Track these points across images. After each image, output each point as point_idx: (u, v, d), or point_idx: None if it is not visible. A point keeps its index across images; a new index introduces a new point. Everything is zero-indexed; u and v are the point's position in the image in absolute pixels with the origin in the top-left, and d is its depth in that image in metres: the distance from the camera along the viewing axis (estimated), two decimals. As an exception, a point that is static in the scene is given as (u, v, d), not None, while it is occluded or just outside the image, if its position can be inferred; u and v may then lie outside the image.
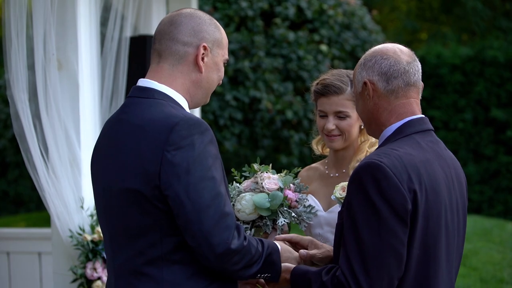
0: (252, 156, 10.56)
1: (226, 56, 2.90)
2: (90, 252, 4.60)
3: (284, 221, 3.30)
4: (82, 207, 4.59)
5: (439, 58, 14.09)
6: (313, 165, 3.76)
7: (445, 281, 2.78)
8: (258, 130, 10.20)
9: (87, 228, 4.62)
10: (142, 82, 2.81)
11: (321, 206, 3.55)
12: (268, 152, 10.59)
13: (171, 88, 2.77)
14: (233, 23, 10.25)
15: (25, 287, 5.93)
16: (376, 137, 2.94)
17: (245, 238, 2.66)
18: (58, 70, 4.58)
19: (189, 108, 2.85)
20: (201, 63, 2.80)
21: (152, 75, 2.81)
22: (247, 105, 10.06)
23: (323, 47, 10.50)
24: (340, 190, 3.28)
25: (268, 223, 3.32)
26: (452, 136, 14.11)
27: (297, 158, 10.35)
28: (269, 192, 3.33)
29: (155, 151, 2.61)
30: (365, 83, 2.84)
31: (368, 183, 2.63)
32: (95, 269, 4.61)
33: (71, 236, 4.58)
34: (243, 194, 3.36)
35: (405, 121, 2.82)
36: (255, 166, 3.44)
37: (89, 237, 4.58)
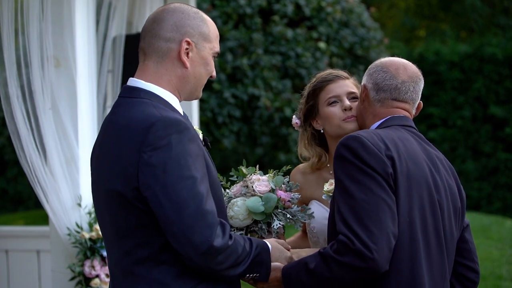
0: (251, 153, 10.56)
1: (216, 49, 2.85)
2: (88, 250, 4.59)
3: (279, 223, 3.20)
4: (79, 204, 4.59)
5: (438, 55, 14.09)
6: (308, 167, 3.52)
7: (436, 257, 2.81)
8: (257, 128, 10.20)
9: (85, 226, 4.62)
10: (131, 81, 2.80)
11: None
12: (267, 149, 10.59)
13: (158, 86, 2.75)
14: (231, 20, 10.25)
15: (24, 285, 5.93)
16: None
17: (230, 237, 2.62)
18: (55, 67, 4.58)
19: (180, 101, 2.83)
20: (184, 58, 2.76)
21: (140, 74, 2.80)
22: (246, 103, 10.06)
23: (322, 45, 10.50)
24: (328, 185, 3.26)
25: (263, 227, 3.22)
26: (451, 133, 14.12)
27: (296, 155, 10.35)
28: (262, 195, 3.22)
29: (133, 152, 2.60)
30: (361, 86, 3.05)
31: (348, 153, 2.74)
32: (93, 267, 4.61)
33: (69, 234, 4.58)
34: (234, 200, 3.24)
35: (388, 117, 2.97)
36: (244, 169, 3.32)
37: (87, 235, 4.58)
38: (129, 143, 2.61)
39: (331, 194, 3.14)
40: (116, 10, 5.56)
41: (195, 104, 6.83)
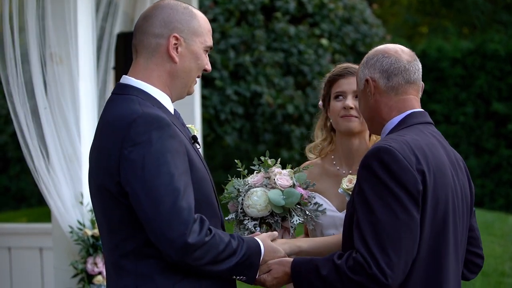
0: (253, 150, 10.56)
1: (208, 43, 2.87)
2: (90, 247, 4.60)
3: (299, 219, 3.21)
4: (81, 202, 4.59)
5: (440, 51, 14.06)
6: (313, 160, 3.60)
7: (453, 266, 2.81)
8: (259, 125, 10.20)
9: (88, 223, 4.62)
10: (123, 79, 2.85)
11: (334, 206, 3.40)
12: (269, 146, 10.59)
13: (148, 83, 2.79)
14: (233, 17, 10.24)
15: (26, 282, 5.93)
16: (377, 133, 3.01)
17: (210, 232, 2.63)
18: (58, 64, 4.58)
19: (173, 101, 2.86)
20: (173, 53, 2.79)
21: (131, 71, 2.84)
22: (248, 100, 10.06)
23: (324, 41, 10.49)
24: (347, 181, 3.24)
25: (279, 221, 3.22)
26: (453, 130, 14.11)
27: (298, 152, 10.35)
28: (283, 189, 3.22)
29: (115, 148, 2.64)
30: (367, 80, 2.92)
31: (379, 167, 2.67)
32: (95, 264, 4.62)
33: (71, 231, 4.58)
34: (254, 189, 3.23)
35: (407, 113, 2.89)
36: (269, 161, 3.31)
37: (89, 232, 4.59)
38: (113, 139, 2.66)
39: (350, 192, 3.13)
40: (118, 7, 5.57)
41: (197, 101, 6.83)
